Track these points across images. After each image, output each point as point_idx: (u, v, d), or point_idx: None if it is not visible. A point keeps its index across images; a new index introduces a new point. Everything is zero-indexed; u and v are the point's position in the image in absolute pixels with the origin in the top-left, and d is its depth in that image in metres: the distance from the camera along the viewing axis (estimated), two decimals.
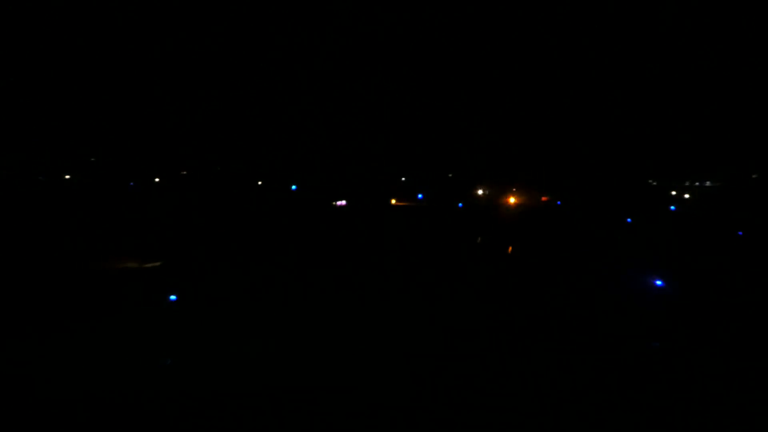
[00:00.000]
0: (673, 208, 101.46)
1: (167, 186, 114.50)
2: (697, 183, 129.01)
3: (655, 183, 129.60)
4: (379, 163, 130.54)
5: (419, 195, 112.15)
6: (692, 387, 26.28)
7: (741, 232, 71.30)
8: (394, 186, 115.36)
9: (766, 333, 33.92)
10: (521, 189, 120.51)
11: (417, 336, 32.49)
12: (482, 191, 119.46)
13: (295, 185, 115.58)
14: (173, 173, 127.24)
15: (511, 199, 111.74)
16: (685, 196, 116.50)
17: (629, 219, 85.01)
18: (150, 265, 48.34)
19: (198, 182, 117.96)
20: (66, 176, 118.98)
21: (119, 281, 43.39)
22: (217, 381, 26.02)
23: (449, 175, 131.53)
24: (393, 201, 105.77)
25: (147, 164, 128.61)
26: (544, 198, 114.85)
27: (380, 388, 25.60)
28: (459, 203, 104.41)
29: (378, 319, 35.36)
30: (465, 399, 24.80)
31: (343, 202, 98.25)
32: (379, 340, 31.51)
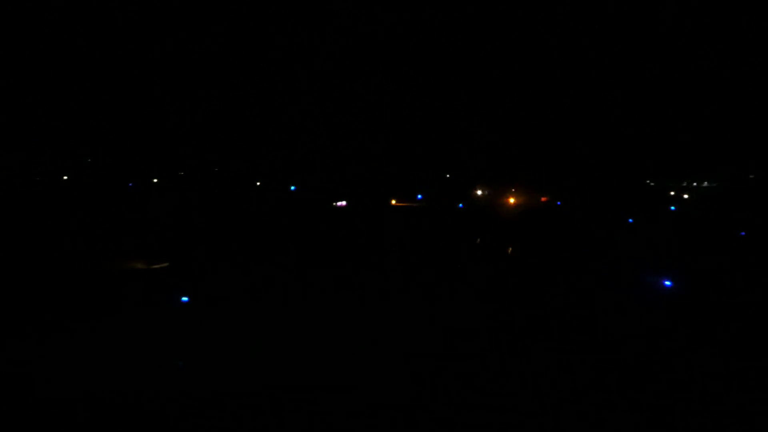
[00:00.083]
0: (673, 209, 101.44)
1: (166, 186, 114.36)
2: (695, 183, 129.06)
3: (653, 184, 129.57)
4: (379, 163, 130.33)
5: (419, 195, 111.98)
6: (692, 387, 26.31)
7: (743, 233, 71.19)
8: (394, 186, 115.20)
9: (766, 333, 33.96)
10: (521, 189, 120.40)
11: (417, 336, 32.51)
12: (481, 191, 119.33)
13: (294, 186, 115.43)
14: (172, 173, 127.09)
15: (511, 200, 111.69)
16: (684, 197, 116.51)
17: (630, 219, 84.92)
18: (157, 266, 48.40)
19: (197, 183, 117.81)
20: (64, 177, 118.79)
21: (128, 282, 43.46)
22: (218, 381, 26.04)
23: (447, 176, 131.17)
24: (393, 202, 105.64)
25: (145, 164, 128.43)
26: (544, 198, 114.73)
27: (380, 388, 25.62)
28: (459, 204, 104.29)
29: (378, 320, 35.38)
30: (465, 399, 24.82)
31: (344, 203, 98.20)
32: (379, 340, 31.54)
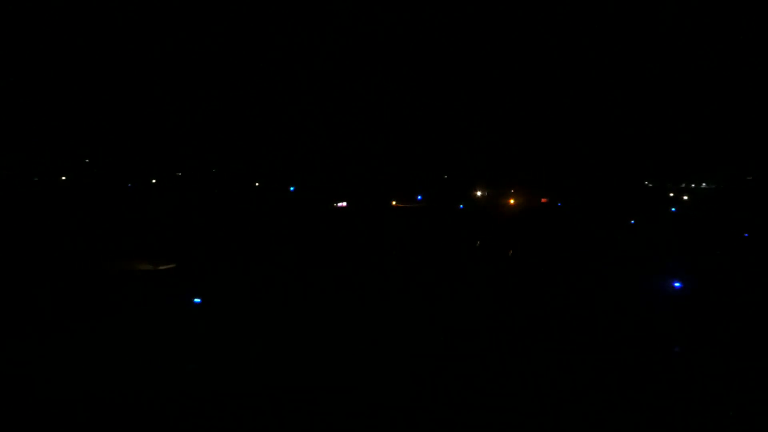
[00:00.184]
0: (674, 210, 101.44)
1: (166, 187, 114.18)
2: (693, 185, 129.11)
3: (651, 185, 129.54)
4: (379, 163, 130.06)
5: (419, 196, 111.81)
6: (692, 387, 26.32)
7: (747, 234, 71.05)
8: (394, 186, 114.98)
9: (766, 333, 33.97)
10: (521, 190, 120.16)
11: (417, 336, 32.52)
12: (481, 192, 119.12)
13: (294, 186, 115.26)
14: (171, 174, 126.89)
15: (511, 201, 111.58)
16: (684, 198, 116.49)
17: (632, 221, 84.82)
18: (164, 267, 48.46)
19: (196, 183, 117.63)
20: (62, 177, 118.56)
21: (133, 282, 43.53)
22: (218, 381, 26.05)
23: (444, 177, 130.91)
24: (393, 203, 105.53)
25: (144, 165, 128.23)
26: (544, 200, 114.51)
27: (380, 388, 25.62)
28: (460, 205, 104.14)
29: (378, 320, 35.39)
30: (465, 399, 24.82)
31: (344, 204, 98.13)
32: (380, 341, 31.55)
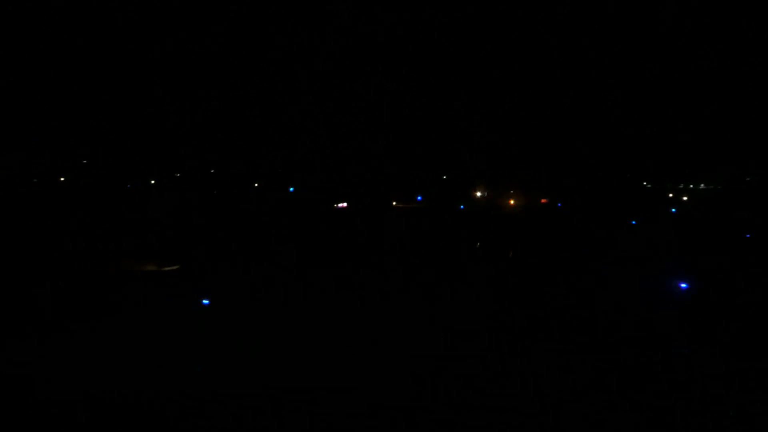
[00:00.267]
0: (674, 210, 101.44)
1: (165, 187, 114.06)
2: (692, 185, 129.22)
3: (650, 186, 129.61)
4: (379, 163, 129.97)
5: (419, 196, 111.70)
6: (692, 387, 26.32)
7: (748, 234, 71.00)
8: (394, 187, 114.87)
9: (766, 333, 33.97)
10: (521, 190, 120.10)
11: (417, 336, 32.53)
12: (481, 192, 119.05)
13: (293, 187, 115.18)
14: (170, 174, 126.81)
15: (511, 201, 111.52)
16: (684, 199, 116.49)
17: (632, 221, 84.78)
18: (169, 269, 48.50)
19: (196, 183, 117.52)
20: (61, 178, 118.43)
21: (140, 284, 43.57)
22: (218, 381, 26.05)
23: (447, 176, 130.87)
24: (393, 203, 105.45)
25: (143, 165, 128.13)
26: (544, 200, 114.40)
27: (380, 388, 25.62)
28: (460, 205, 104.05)
29: (379, 320, 35.39)
30: (465, 399, 24.83)
31: (344, 204, 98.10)
32: (380, 341, 31.55)
